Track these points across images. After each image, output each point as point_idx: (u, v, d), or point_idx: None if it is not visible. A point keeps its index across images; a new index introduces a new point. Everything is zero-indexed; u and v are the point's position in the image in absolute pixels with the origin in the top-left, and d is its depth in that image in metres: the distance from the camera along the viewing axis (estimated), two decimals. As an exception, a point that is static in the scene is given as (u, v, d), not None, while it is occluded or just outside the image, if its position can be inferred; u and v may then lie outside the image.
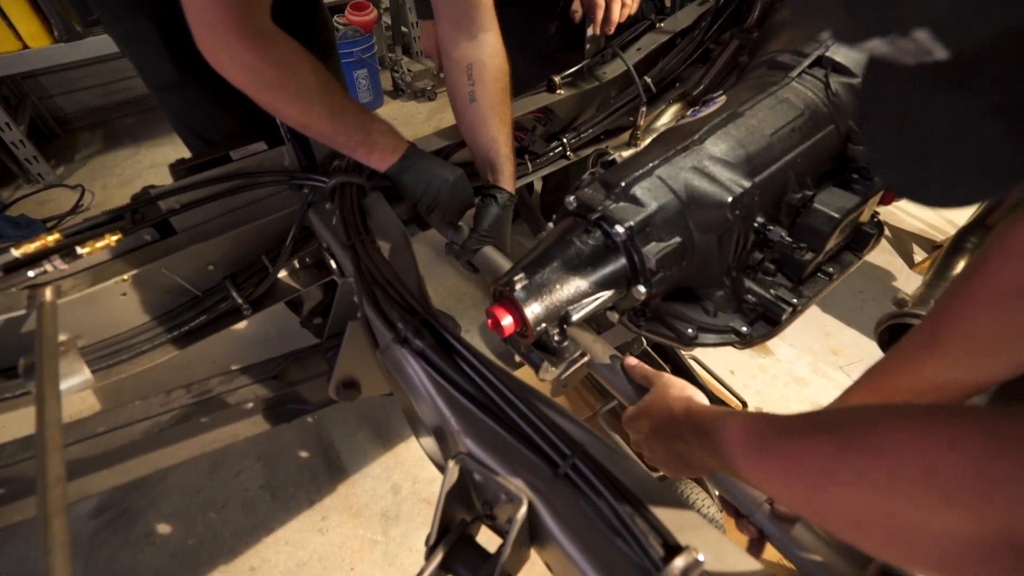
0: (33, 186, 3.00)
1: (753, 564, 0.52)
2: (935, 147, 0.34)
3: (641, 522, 0.49)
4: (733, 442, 0.50)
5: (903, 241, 2.34)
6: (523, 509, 0.55)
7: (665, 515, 0.51)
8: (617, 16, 1.29)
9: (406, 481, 1.60)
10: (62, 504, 0.54)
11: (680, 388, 0.65)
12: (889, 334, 1.03)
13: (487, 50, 1.01)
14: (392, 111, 3.54)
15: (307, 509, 1.55)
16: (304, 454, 1.68)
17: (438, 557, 0.63)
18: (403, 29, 3.49)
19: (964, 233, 1.11)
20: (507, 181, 1.03)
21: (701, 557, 0.48)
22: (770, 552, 0.71)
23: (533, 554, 0.65)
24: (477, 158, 1.07)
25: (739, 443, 0.49)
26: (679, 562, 0.47)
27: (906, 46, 0.27)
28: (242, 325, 1.01)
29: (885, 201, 0.91)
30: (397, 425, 1.75)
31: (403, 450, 1.68)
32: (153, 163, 3.20)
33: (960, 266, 1.05)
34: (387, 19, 3.53)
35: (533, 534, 0.62)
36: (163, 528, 1.52)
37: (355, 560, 1.44)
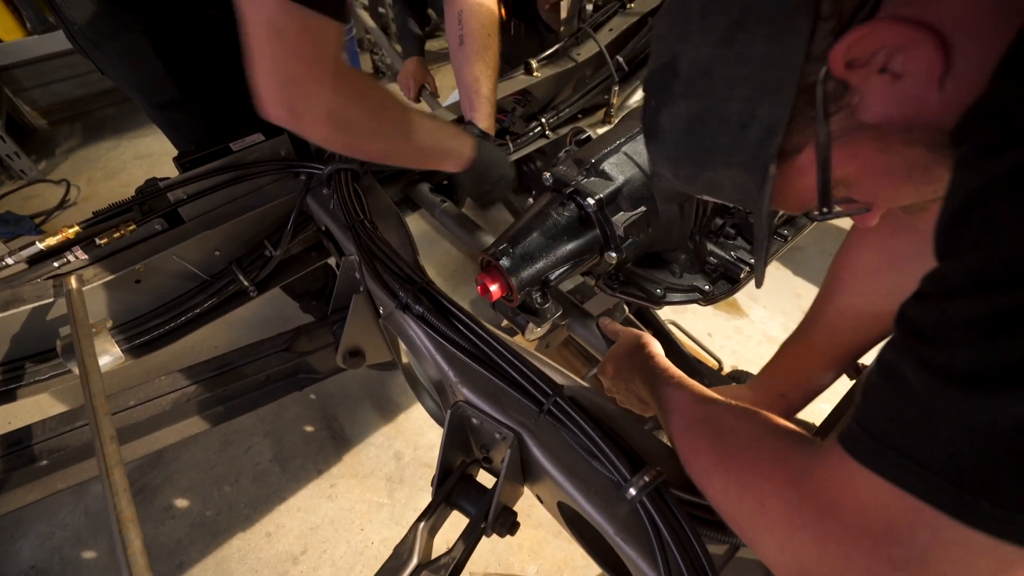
0: (16, 182, 3.00)
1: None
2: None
3: (612, 446, 0.59)
4: (669, 414, 0.62)
5: (871, 204, 2.46)
6: (514, 442, 0.64)
7: (631, 440, 0.61)
8: None
9: (407, 448, 1.71)
10: (118, 458, 0.63)
11: (639, 338, 0.76)
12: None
13: None
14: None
15: (316, 478, 1.65)
16: (310, 428, 1.78)
17: (443, 494, 0.74)
18: (380, 11, 3.49)
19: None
20: (482, 119, 1.11)
21: (662, 471, 0.58)
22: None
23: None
24: (461, 96, 1.16)
25: (672, 416, 0.61)
26: (642, 475, 0.57)
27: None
28: (241, 311, 1.09)
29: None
30: (397, 397, 1.85)
31: (403, 420, 1.79)
32: (137, 154, 3.19)
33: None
34: (364, 0, 3.51)
35: (525, 471, 0.72)
36: (181, 502, 1.62)
37: (364, 521, 1.55)
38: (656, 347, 0.75)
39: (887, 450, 0.34)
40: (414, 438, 1.74)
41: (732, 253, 0.93)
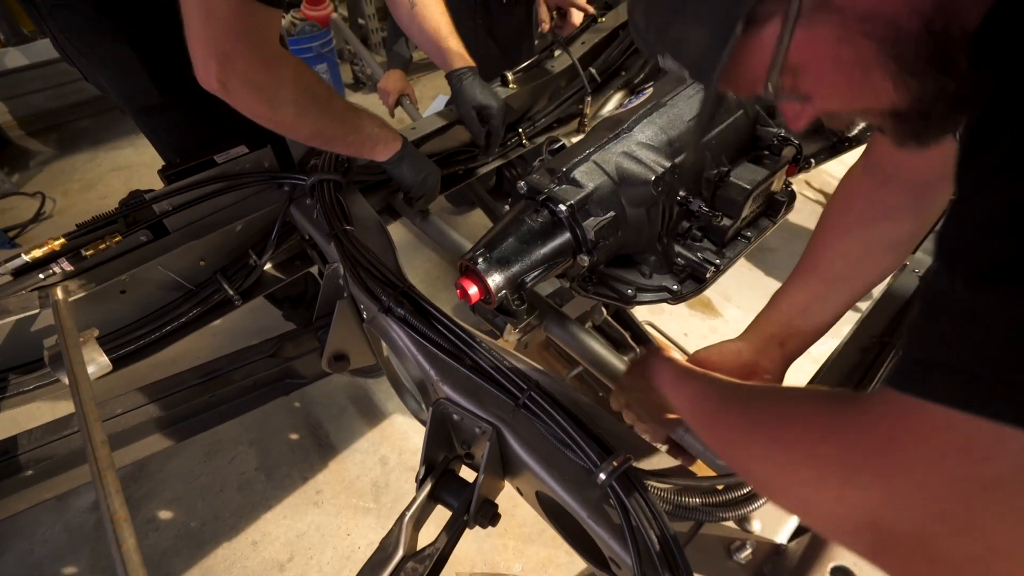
0: (-11, 196, 2.95)
1: (671, 461, 0.67)
2: None
3: (583, 435, 0.64)
4: (683, 412, 0.63)
5: (837, 207, 2.56)
6: (493, 435, 0.68)
7: (601, 428, 0.66)
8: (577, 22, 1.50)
9: (393, 453, 1.73)
10: (110, 461, 0.65)
11: (654, 350, 0.77)
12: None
13: None
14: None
15: (302, 485, 1.66)
16: (294, 436, 1.79)
17: (426, 488, 0.77)
18: (360, 21, 3.52)
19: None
20: (458, 60, 1.19)
21: (630, 456, 0.62)
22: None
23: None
24: (430, 52, 1.22)
25: (689, 413, 0.61)
26: (611, 460, 0.61)
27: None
28: (221, 323, 1.11)
29: (789, 172, 1.06)
30: (381, 404, 1.87)
31: (388, 426, 1.81)
32: (115, 166, 3.17)
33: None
34: (343, 11, 3.55)
35: (504, 464, 0.76)
36: (165, 514, 1.62)
37: (350, 526, 1.57)
38: (671, 353, 0.76)
39: (946, 374, 0.31)
40: (399, 443, 1.76)
41: (698, 254, 0.99)
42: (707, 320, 2.10)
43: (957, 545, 0.31)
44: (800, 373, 0.89)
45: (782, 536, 0.61)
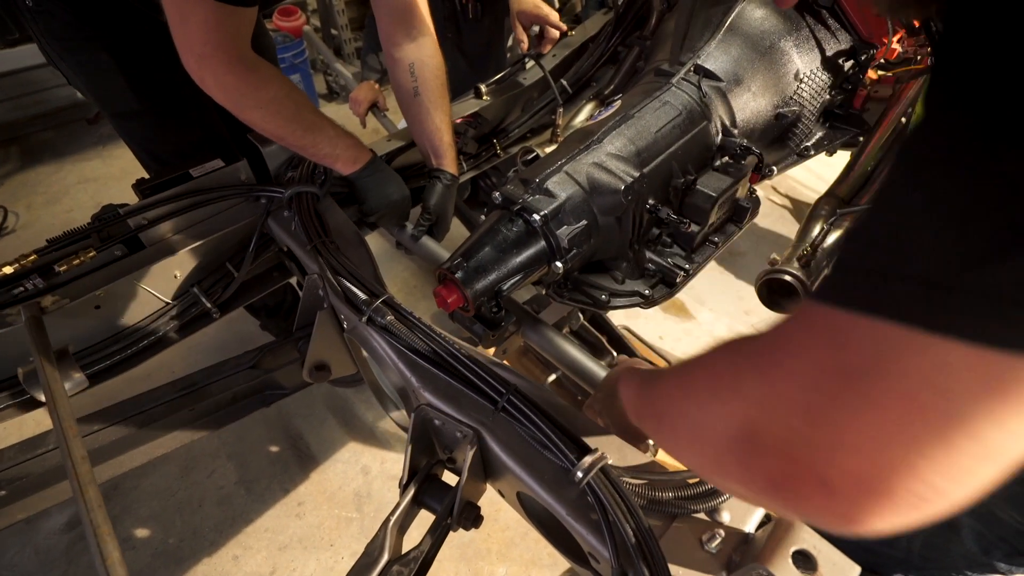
0: (-52, 210, 2.85)
1: (644, 457, 0.70)
2: None
3: (560, 435, 0.66)
4: (626, 404, 0.62)
5: (803, 211, 2.66)
6: (474, 439, 0.70)
7: (577, 429, 0.69)
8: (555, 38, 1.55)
9: (374, 462, 1.73)
10: (91, 476, 0.65)
11: (624, 362, 0.79)
12: (767, 288, 1.26)
13: (426, 51, 1.16)
14: (328, 115, 3.58)
15: (283, 498, 1.65)
16: (274, 448, 1.77)
17: (410, 493, 0.79)
18: (332, 32, 3.52)
19: (819, 203, 1.35)
20: (450, 164, 1.18)
21: (604, 454, 0.65)
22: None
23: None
24: (421, 146, 1.21)
25: (627, 403, 0.62)
26: (588, 459, 0.64)
27: None
28: (196, 337, 1.10)
29: (752, 180, 1.12)
30: (361, 413, 1.87)
31: (369, 435, 1.81)
32: (81, 178, 3.09)
33: (816, 230, 1.29)
34: (316, 22, 3.54)
35: (485, 467, 0.78)
36: (141, 532, 1.59)
37: (333, 537, 1.56)
38: (636, 363, 0.78)
39: (828, 277, 0.30)
40: (381, 452, 1.76)
41: (669, 260, 1.03)
42: (681, 323, 2.16)
43: (813, 437, 0.30)
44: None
45: (750, 526, 0.65)
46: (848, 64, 1.21)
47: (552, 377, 1.63)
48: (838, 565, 0.55)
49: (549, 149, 1.46)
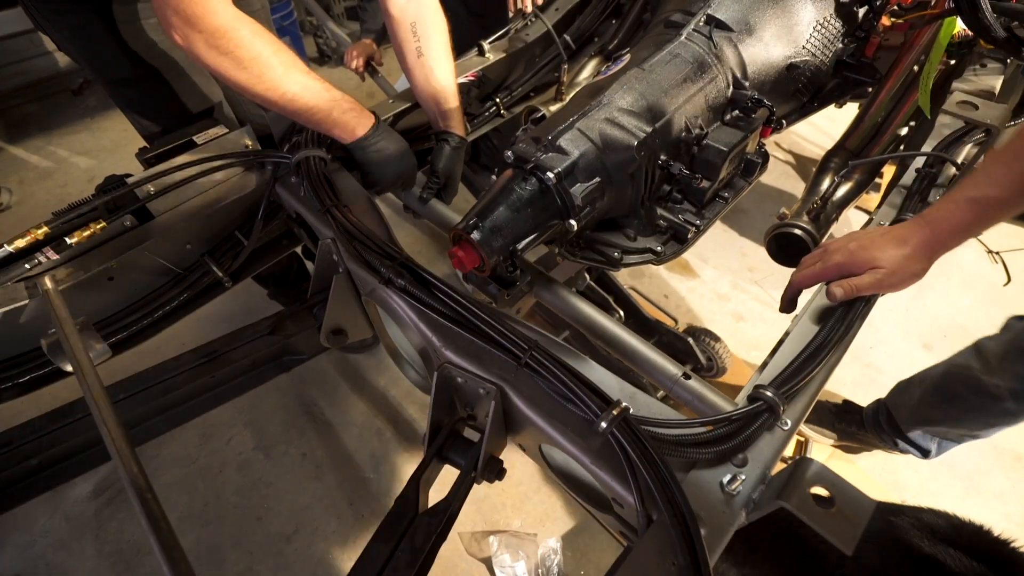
0: (-60, 189, 2.81)
1: (667, 410, 0.72)
2: None
3: (584, 388, 0.68)
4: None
5: (806, 167, 2.64)
6: (497, 395, 0.72)
7: (601, 383, 0.70)
8: None
9: (388, 425, 1.77)
10: (127, 441, 0.67)
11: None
12: (776, 243, 1.26)
13: (428, 9, 1.12)
14: (320, 78, 3.49)
15: (301, 461, 1.70)
16: (289, 415, 1.81)
17: (435, 449, 0.81)
18: (321, -9, 3.39)
19: (828, 156, 1.34)
20: (457, 126, 1.15)
21: (627, 405, 0.67)
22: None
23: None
24: (427, 108, 1.17)
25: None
26: (612, 410, 0.66)
27: None
28: (204, 309, 1.10)
29: (764, 134, 1.10)
30: (372, 379, 1.90)
31: (381, 400, 1.84)
32: (72, 151, 3.03)
33: (826, 183, 1.28)
34: (302, -19, 3.40)
35: (508, 424, 0.80)
36: (166, 498, 1.63)
37: (353, 496, 1.62)
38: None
39: None
40: (394, 415, 1.80)
41: (680, 216, 1.03)
42: (685, 281, 2.17)
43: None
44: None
45: (769, 468, 0.67)
46: (862, 10, 1.18)
47: (563, 335, 1.65)
48: (855, 501, 0.58)
49: (554, 108, 1.43)
